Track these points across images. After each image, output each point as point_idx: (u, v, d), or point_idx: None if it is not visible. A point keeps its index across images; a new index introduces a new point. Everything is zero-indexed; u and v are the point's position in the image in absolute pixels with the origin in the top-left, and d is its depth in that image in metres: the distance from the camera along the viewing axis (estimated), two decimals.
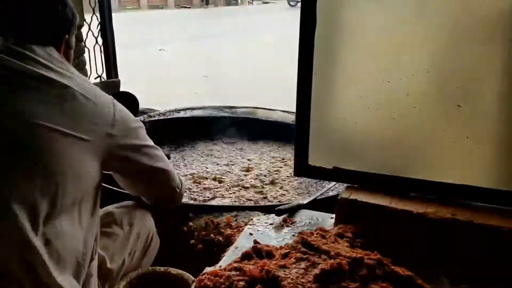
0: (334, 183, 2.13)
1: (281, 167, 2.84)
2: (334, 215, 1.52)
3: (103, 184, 1.70)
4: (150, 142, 1.44)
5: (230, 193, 2.38)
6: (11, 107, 1.09)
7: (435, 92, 1.37)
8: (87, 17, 3.62)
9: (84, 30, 3.57)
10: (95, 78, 3.94)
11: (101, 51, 4.02)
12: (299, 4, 1.59)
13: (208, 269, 1.24)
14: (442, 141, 1.40)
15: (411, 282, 1.08)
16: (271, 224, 1.56)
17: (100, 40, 3.94)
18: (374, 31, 1.44)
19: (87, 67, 3.72)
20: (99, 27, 3.90)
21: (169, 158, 1.73)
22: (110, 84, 4.08)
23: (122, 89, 4.03)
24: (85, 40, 3.57)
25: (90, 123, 1.19)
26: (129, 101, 3.79)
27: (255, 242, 1.41)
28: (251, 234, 1.48)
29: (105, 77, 4.09)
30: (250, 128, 3.37)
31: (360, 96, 1.48)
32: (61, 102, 1.15)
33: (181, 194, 1.62)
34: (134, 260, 1.47)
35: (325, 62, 1.51)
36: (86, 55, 3.70)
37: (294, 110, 1.60)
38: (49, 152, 1.10)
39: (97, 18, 3.89)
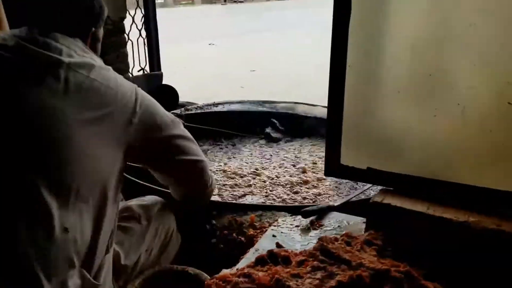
0: (370, 185, 2.01)
1: (318, 166, 2.72)
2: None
3: (128, 176, 1.68)
4: (183, 133, 1.41)
5: (261, 191, 2.30)
6: (33, 95, 1.08)
7: (482, 88, 1.22)
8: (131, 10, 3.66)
9: (127, 22, 3.60)
10: (138, 71, 3.99)
11: (144, 44, 4.06)
12: None
13: (224, 271, 1.17)
14: (489, 142, 1.25)
15: None
16: (297, 226, 1.47)
17: (143, 33, 3.98)
18: (416, 19, 1.31)
19: (130, 59, 3.75)
20: (142, 20, 3.94)
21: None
22: (153, 76, 4.12)
23: (166, 82, 4.06)
24: (128, 33, 3.60)
25: (110, 111, 1.16)
26: (170, 94, 3.82)
27: (278, 245, 1.32)
28: (274, 236, 1.39)
29: (148, 70, 4.12)
30: (289, 123, 3.27)
31: (398, 90, 1.35)
32: (80, 90, 1.12)
33: (211, 191, 1.57)
34: (152, 257, 1.42)
35: (360, 53, 1.40)
36: (129, 47, 3.73)
37: None
38: (67, 140, 1.08)
39: (141, 11, 3.93)
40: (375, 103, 1.41)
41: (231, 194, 2.25)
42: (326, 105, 1.50)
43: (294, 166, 2.72)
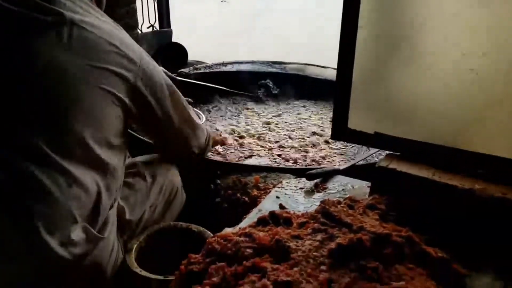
0: (377, 150, 1.99)
1: (326, 129, 2.70)
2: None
3: (133, 133, 1.69)
4: (179, 104, 1.45)
5: (268, 153, 2.29)
6: (34, 48, 1.07)
7: (496, 54, 1.18)
8: None
9: None
10: (148, 28, 3.93)
11: (154, 1, 3.99)
12: None
13: (226, 230, 1.19)
14: (501, 109, 1.22)
15: (445, 266, 0.96)
16: (301, 188, 1.47)
17: None
18: None
19: (140, 16, 3.69)
20: None
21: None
22: (162, 34, 4.06)
23: (176, 40, 4.00)
24: None
25: (113, 71, 1.15)
26: (179, 52, 3.77)
27: (281, 206, 1.33)
28: (278, 197, 1.40)
29: (157, 27, 4.06)
30: (298, 85, 3.23)
31: (411, 55, 1.32)
32: (84, 47, 1.11)
33: (201, 154, 1.64)
34: (156, 214, 1.44)
35: (373, 14, 1.35)
36: (138, 3, 3.66)
37: None
38: (73, 99, 1.08)
39: None
40: (386, 67, 1.37)
41: (237, 155, 2.25)
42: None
43: (301, 129, 2.71)
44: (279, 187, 1.46)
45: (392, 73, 1.35)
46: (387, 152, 1.42)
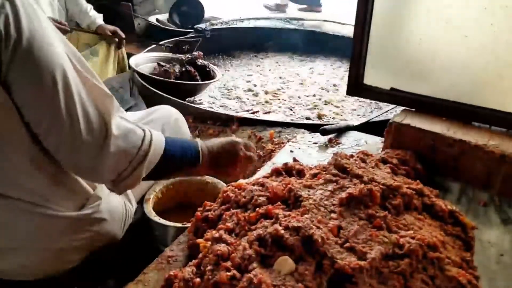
0: (393, 106, 1.99)
1: (341, 86, 2.69)
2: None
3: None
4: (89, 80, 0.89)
5: (284, 108, 2.31)
6: None
7: None
8: None
9: None
10: None
11: None
12: None
13: (241, 181, 1.22)
14: None
15: (453, 217, 0.98)
16: (315, 143, 1.49)
17: None
18: None
19: None
20: None
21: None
22: None
23: None
24: None
25: None
26: (194, 7, 3.72)
27: (294, 159, 1.35)
28: (291, 151, 1.42)
29: None
30: (316, 42, 3.20)
31: (428, 9, 1.29)
32: None
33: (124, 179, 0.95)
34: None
35: None
36: None
37: None
38: None
39: None
40: (404, 22, 1.35)
41: (254, 110, 2.27)
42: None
43: (317, 85, 2.70)
44: (293, 142, 1.49)
45: (410, 27, 1.33)
46: (402, 108, 1.42)
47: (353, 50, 1.45)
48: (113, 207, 1.14)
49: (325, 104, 2.39)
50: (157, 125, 1.37)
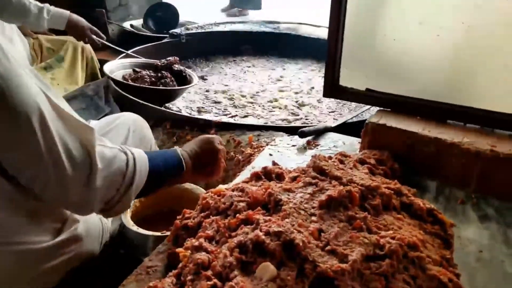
0: (368, 106, 2.01)
1: (317, 88, 2.70)
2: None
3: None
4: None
5: (262, 112, 2.30)
6: None
7: (488, 5, 1.17)
8: None
9: None
10: None
11: None
12: None
13: (220, 187, 1.21)
14: (491, 64, 1.23)
15: (432, 216, 0.99)
16: (293, 146, 1.48)
17: None
18: None
19: None
20: None
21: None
22: None
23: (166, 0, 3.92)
24: None
25: None
26: (169, 12, 3.70)
27: (273, 163, 1.35)
28: (270, 154, 1.42)
29: None
30: (292, 44, 3.21)
31: (402, 8, 1.31)
32: None
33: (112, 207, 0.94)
34: None
35: None
36: None
37: None
38: None
39: None
40: (377, 23, 1.36)
41: (231, 114, 2.25)
42: None
43: (293, 88, 2.71)
44: (272, 145, 1.48)
45: (384, 28, 1.34)
46: (378, 108, 1.44)
47: (328, 52, 1.45)
48: (90, 225, 1.12)
49: (303, 106, 2.39)
50: (121, 132, 1.35)
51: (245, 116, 2.24)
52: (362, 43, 1.41)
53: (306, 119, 2.21)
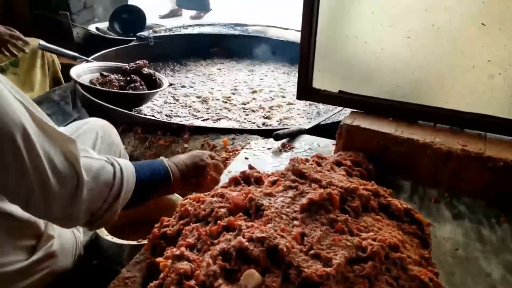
0: (340, 108, 2.03)
1: (288, 90, 2.71)
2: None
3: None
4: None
5: (235, 115, 2.29)
6: None
7: (457, 8, 1.20)
8: None
9: None
10: None
11: None
12: None
13: (198, 194, 1.19)
14: (460, 64, 1.26)
15: (409, 215, 1.00)
16: (268, 149, 1.48)
17: None
18: None
19: None
20: None
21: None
22: None
23: (132, 3, 3.85)
24: None
25: None
26: (136, 15, 3.63)
27: (250, 167, 1.34)
28: (246, 158, 1.41)
29: None
30: (261, 47, 3.21)
31: (372, 11, 1.32)
32: None
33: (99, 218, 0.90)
34: None
35: None
36: None
37: None
38: None
39: None
40: (349, 25, 1.37)
41: (203, 118, 2.23)
42: (298, 28, 1.45)
43: (264, 90, 2.71)
44: (247, 148, 1.47)
45: (356, 30, 1.36)
46: (350, 110, 1.45)
47: (300, 54, 1.46)
48: (64, 240, 1.08)
49: (274, 108, 2.39)
50: (89, 138, 1.31)
51: (218, 120, 2.22)
52: (334, 45, 1.42)
53: (279, 121, 2.22)
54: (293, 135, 1.54)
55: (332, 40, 1.41)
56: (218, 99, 2.51)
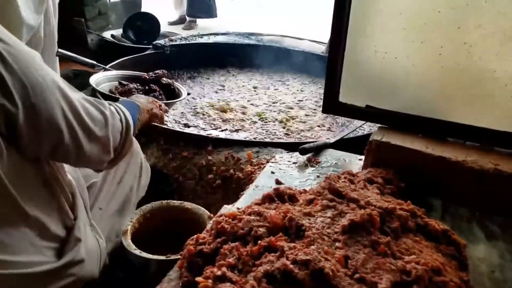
0: (362, 122, 2.01)
1: (307, 102, 2.70)
2: (362, 157, 1.42)
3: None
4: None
5: (253, 126, 2.28)
6: None
7: (491, 26, 1.19)
8: None
9: None
10: None
11: None
12: None
13: (226, 208, 1.17)
14: (492, 82, 1.25)
15: (446, 237, 0.99)
16: (294, 163, 1.47)
17: None
18: None
19: None
20: None
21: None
22: (131, 3, 3.91)
23: (146, 10, 3.87)
24: None
25: None
26: (150, 23, 3.65)
27: (277, 181, 1.33)
28: (272, 172, 1.39)
29: None
30: (276, 57, 3.21)
31: (404, 27, 1.31)
32: None
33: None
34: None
35: None
36: None
37: (324, 40, 1.44)
38: None
39: None
40: (379, 41, 1.37)
41: (221, 128, 2.22)
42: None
43: (281, 101, 2.70)
44: (273, 162, 1.46)
45: (385, 47, 1.35)
46: (377, 125, 1.44)
47: (328, 68, 1.45)
48: (89, 245, 1.09)
49: (290, 121, 2.38)
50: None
51: (236, 130, 2.22)
52: (363, 61, 1.41)
53: (299, 133, 2.21)
54: (319, 149, 1.52)
55: (361, 55, 1.40)
56: (235, 110, 2.51)
